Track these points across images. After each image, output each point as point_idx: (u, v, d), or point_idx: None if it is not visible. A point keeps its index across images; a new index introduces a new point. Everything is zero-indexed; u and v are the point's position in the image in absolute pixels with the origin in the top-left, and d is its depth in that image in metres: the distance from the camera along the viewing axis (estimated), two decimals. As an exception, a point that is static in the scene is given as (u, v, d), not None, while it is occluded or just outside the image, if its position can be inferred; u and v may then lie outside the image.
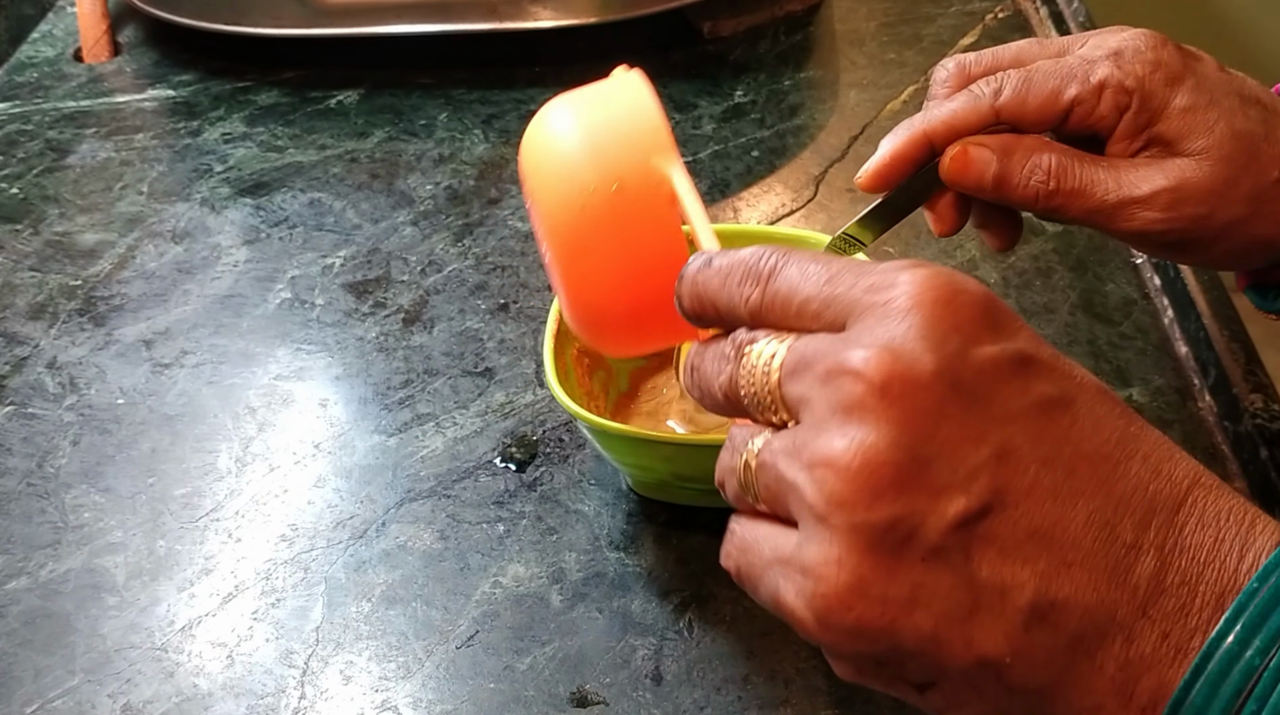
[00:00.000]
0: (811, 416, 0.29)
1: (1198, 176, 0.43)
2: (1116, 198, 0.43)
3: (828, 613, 0.28)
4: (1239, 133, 0.43)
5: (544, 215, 0.42)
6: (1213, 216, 0.43)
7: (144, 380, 0.63)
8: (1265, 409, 0.55)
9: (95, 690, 0.48)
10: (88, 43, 0.92)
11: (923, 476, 0.27)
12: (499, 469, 0.57)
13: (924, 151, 0.45)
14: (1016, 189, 0.44)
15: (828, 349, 0.29)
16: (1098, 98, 0.43)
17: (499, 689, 0.47)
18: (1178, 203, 0.43)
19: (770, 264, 0.32)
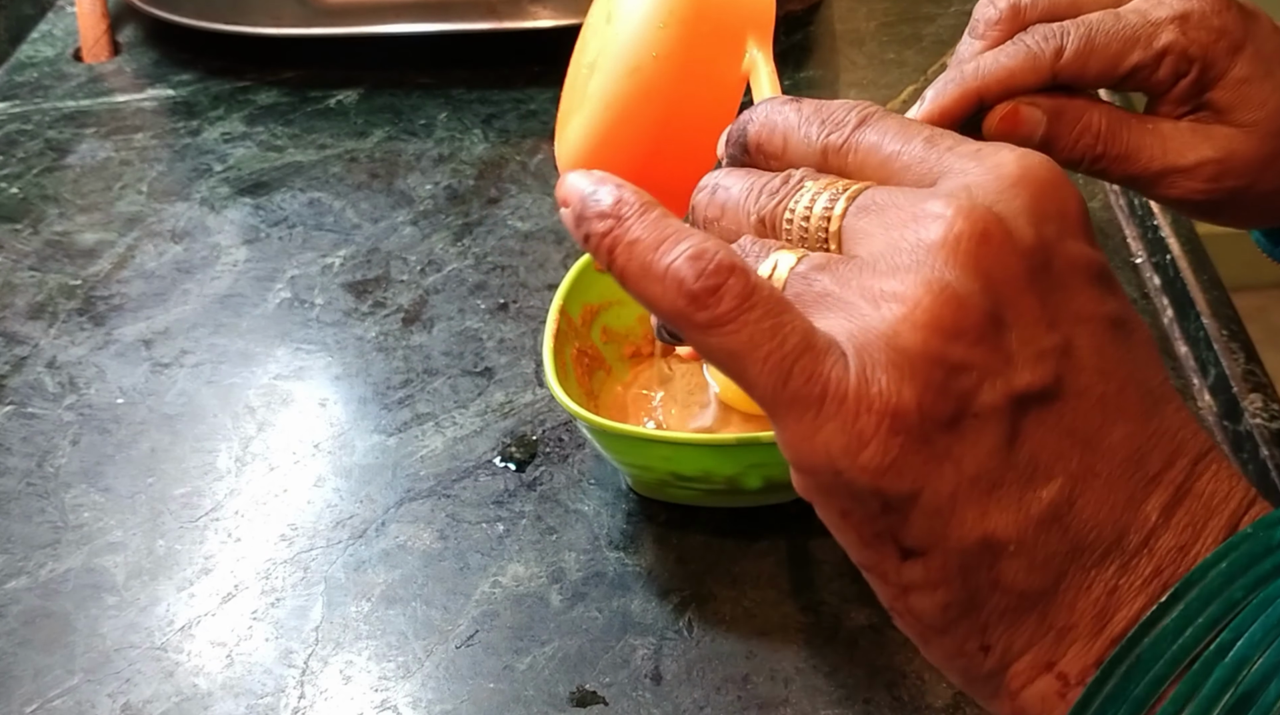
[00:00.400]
0: (880, 253, 0.27)
1: (1244, 149, 0.42)
2: (1161, 165, 0.43)
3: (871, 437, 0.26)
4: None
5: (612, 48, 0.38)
6: (1252, 188, 0.43)
7: (144, 380, 0.63)
8: (1265, 408, 0.55)
9: (95, 690, 0.48)
10: (87, 42, 0.92)
11: (999, 337, 0.26)
12: (499, 469, 0.57)
13: (973, 107, 0.43)
14: (1063, 150, 0.43)
15: (917, 197, 0.27)
16: (1158, 64, 0.42)
17: (499, 689, 0.47)
18: (1221, 175, 0.43)
19: (864, 112, 0.30)
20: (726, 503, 0.53)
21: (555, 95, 0.80)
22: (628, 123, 0.38)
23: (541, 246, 0.71)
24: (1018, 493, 0.27)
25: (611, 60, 0.38)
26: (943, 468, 0.26)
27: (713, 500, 0.53)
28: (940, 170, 0.28)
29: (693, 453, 0.49)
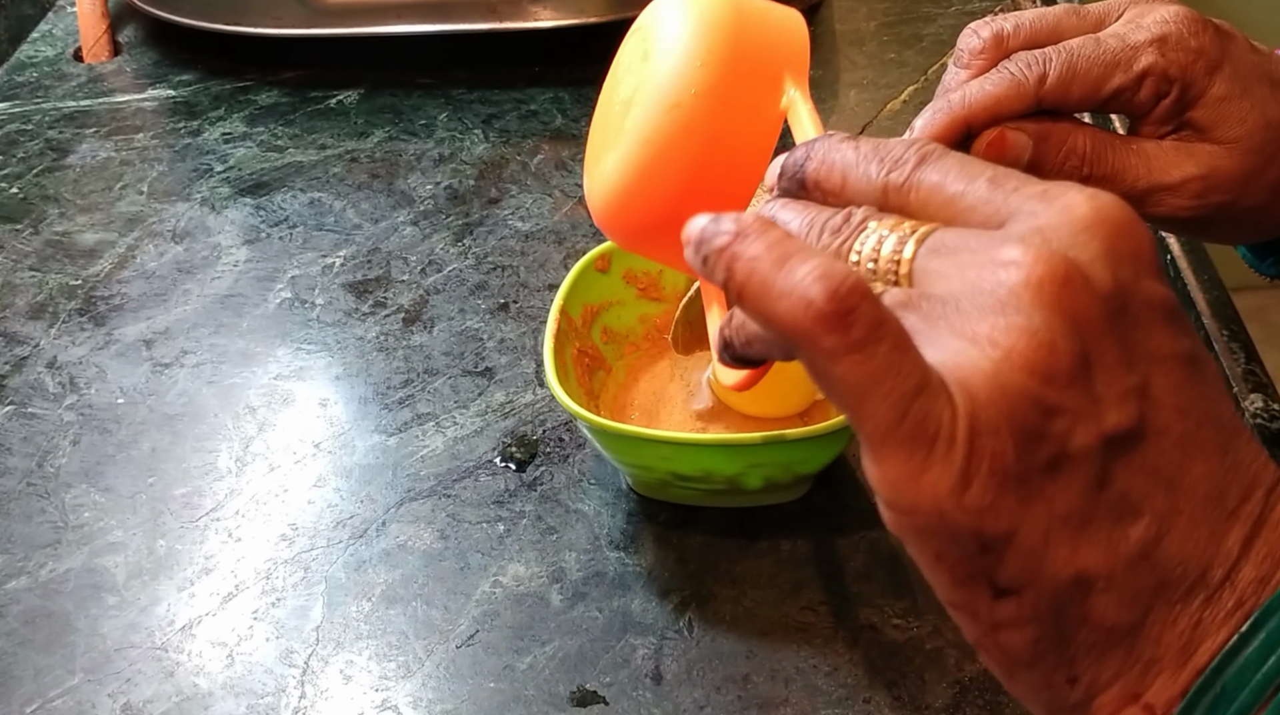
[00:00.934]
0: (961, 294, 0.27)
1: (1227, 165, 0.43)
2: (1147, 184, 0.43)
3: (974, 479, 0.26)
4: (1271, 122, 0.43)
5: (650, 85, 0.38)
6: (1236, 203, 0.43)
7: (144, 380, 0.63)
8: (1265, 409, 0.55)
9: (95, 690, 0.48)
10: (88, 42, 0.92)
11: (1088, 380, 0.26)
12: (499, 468, 0.57)
13: (961, 135, 0.44)
14: (1050, 173, 0.43)
15: (990, 240, 0.27)
16: (1139, 86, 0.43)
17: (499, 688, 0.47)
18: (1206, 191, 0.43)
19: (924, 150, 0.30)
20: (726, 503, 0.53)
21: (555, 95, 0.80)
22: (666, 159, 0.38)
23: (542, 247, 0.71)
24: (1107, 531, 0.27)
25: (650, 97, 0.38)
26: (1036, 508, 0.26)
27: (713, 500, 0.53)
28: (1008, 212, 0.28)
29: (693, 453, 0.49)
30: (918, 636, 0.48)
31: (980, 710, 0.46)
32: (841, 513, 0.54)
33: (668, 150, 0.37)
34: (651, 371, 0.58)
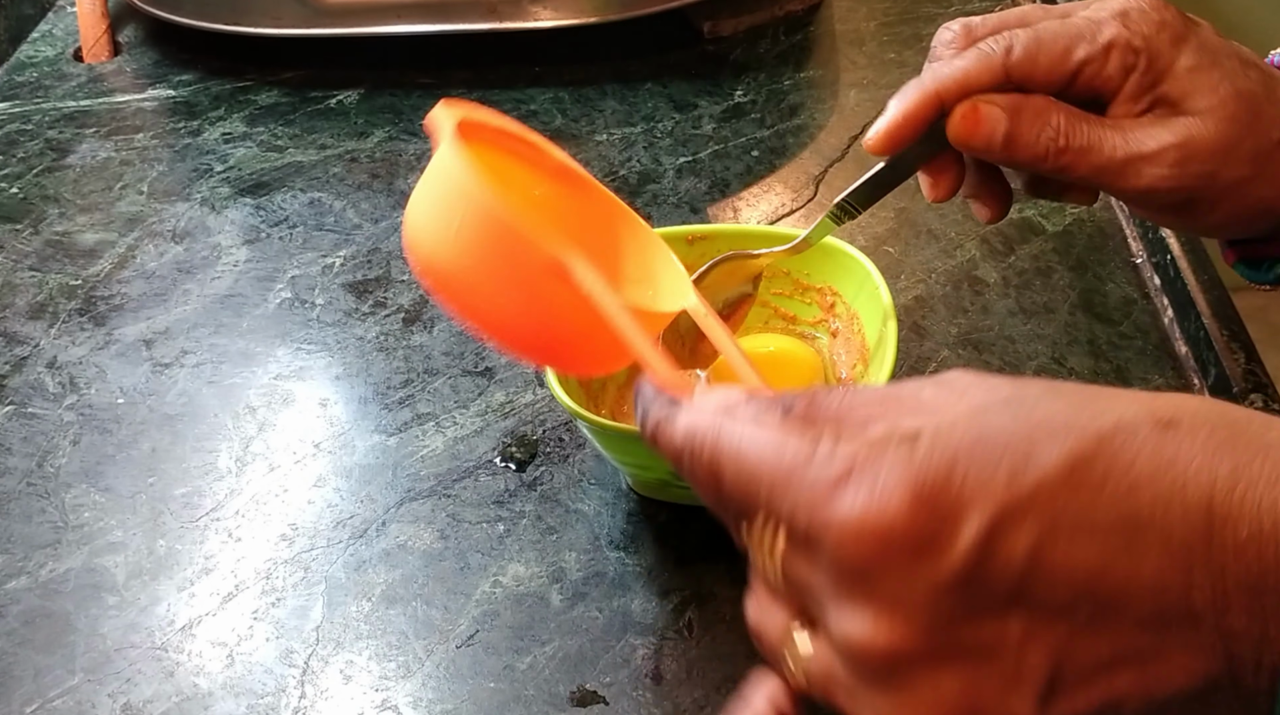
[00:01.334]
0: (855, 687, 0.28)
1: (1204, 134, 0.43)
2: (1124, 154, 0.43)
3: None
4: (1242, 92, 0.43)
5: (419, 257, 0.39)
6: (1218, 175, 0.43)
7: (144, 380, 0.63)
8: (1265, 408, 0.55)
9: (95, 690, 0.48)
10: (88, 43, 0.92)
11: (985, 704, 0.27)
12: (499, 468, 0.57)
13: (935, 110, 0.45)
14: (1026, 147, 0.44)
15: (837, 641, 0.28)
16: (1106, 57, 0.43)
17: (499, 688, 0.47)
18: (1184, 159, 0.43)
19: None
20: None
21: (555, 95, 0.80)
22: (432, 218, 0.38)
23: (542, 246, 0.71)
24: None
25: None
26: None
27: (713, 500, 0.53)
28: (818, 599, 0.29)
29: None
30: (918, 636, 0.48)
31: (980, 710, 0.46)
32: (841, 513, 0.54)
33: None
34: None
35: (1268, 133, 0.43)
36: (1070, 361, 0.61)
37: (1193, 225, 0.46)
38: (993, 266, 0.67)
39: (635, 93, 0.84)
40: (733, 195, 0.74)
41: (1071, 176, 0.45)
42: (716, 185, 0.75)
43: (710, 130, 0.80)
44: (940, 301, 0.65)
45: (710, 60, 0.88)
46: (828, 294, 0.57)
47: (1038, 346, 0.62)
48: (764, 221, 0.72)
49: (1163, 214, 0.46)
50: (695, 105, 0.83)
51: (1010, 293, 0.66)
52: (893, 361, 0.50)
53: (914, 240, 0.69)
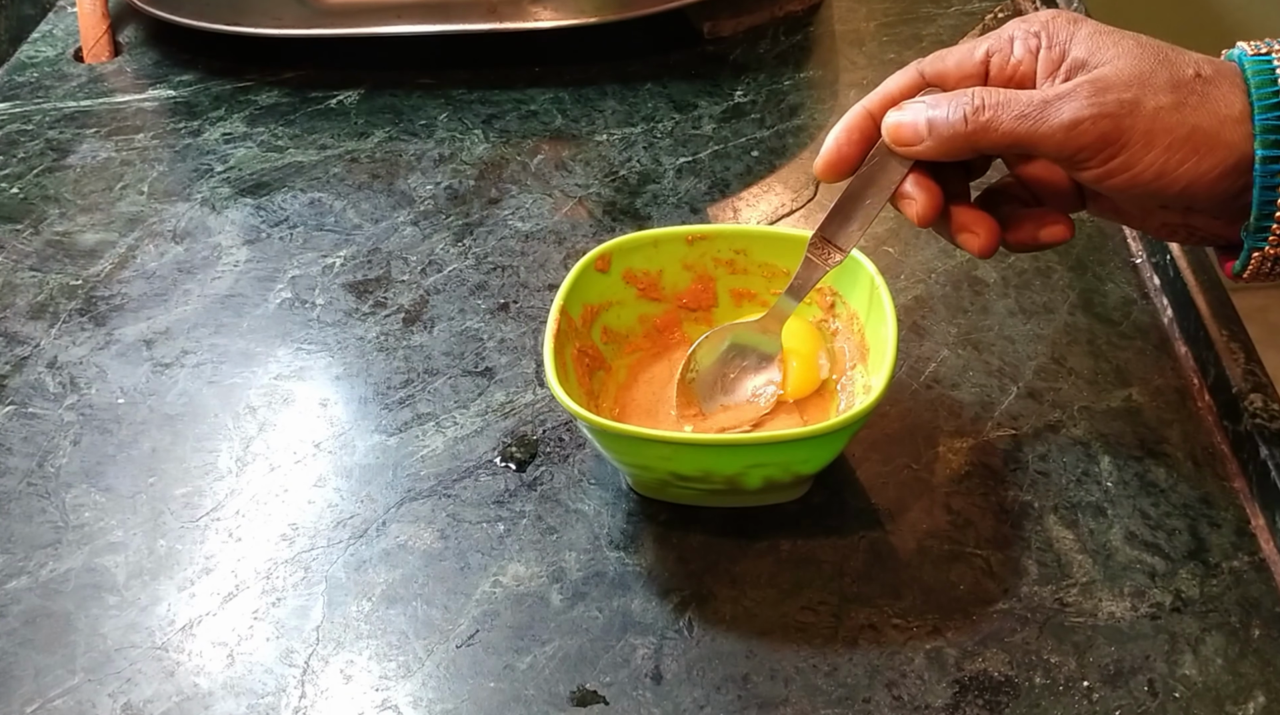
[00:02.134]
0: None
1: (1115, 70, 0.45)
2: (1041, 97, 0.45)
3: None
4: (1145, 43, 0.46)
5: None
6: (1140, 101, 0.44)
7: (144, 380, 0.63)
8: (1265, 409, 0.55)
9: (96, 689, 0.48)
10: (88, 43, 0.92)
11: None
12: (499, 468, 0.57)
13: (868, 124, 0.49)
14: (945, 120, 0.47)
15: None
16: (1010, 45, 0.47)
17: (499, 688, 0.47)
18: (1101, 90, 0.45)
19: None
20: (726, 503, 0.53)
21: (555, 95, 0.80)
22: None
23: (542, 247, 0.71)
24: None
25: None
26: None
27: (713, 500, 0.53)
28: None
29: (692, 453, 0.49)
30: (918, 636, 0.49)
31: (980, 710, 0.46)
32: (841, 513, 0.54)
33: None
34: (651, 371, 0.58)
35: (1179, 68, 0.45)
36: (1070, 361, 0.61)
37: (1142, 172, 0.45)
38: (992, 266, 0.67)
39: (635, 93, 0.84)
40: (733, 195, 0.74)
41: (997, 136, 0.46)
42: (716, 185, 0.75)
43: (710, 130, 0.80)
44: (940, 301, 0.65)
45: (710, 60, 0.88)
46: (828, 294, 0.58)
47: (1037, 346, 0.62)
48: (764, 222, 0.72)
49: (1101, 164, 0.46)
50: (695, 105, 0.83)
51: (1010, 293, 0.66)
52: (893, 361, 0.50)
53: (914, 240, 0.69)
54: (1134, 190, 0.46)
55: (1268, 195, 0.45)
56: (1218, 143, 0.44)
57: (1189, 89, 0.45)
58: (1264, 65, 0.45)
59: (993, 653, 0.48)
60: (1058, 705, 0.46)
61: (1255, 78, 0.45)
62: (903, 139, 0.48)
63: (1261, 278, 0.48)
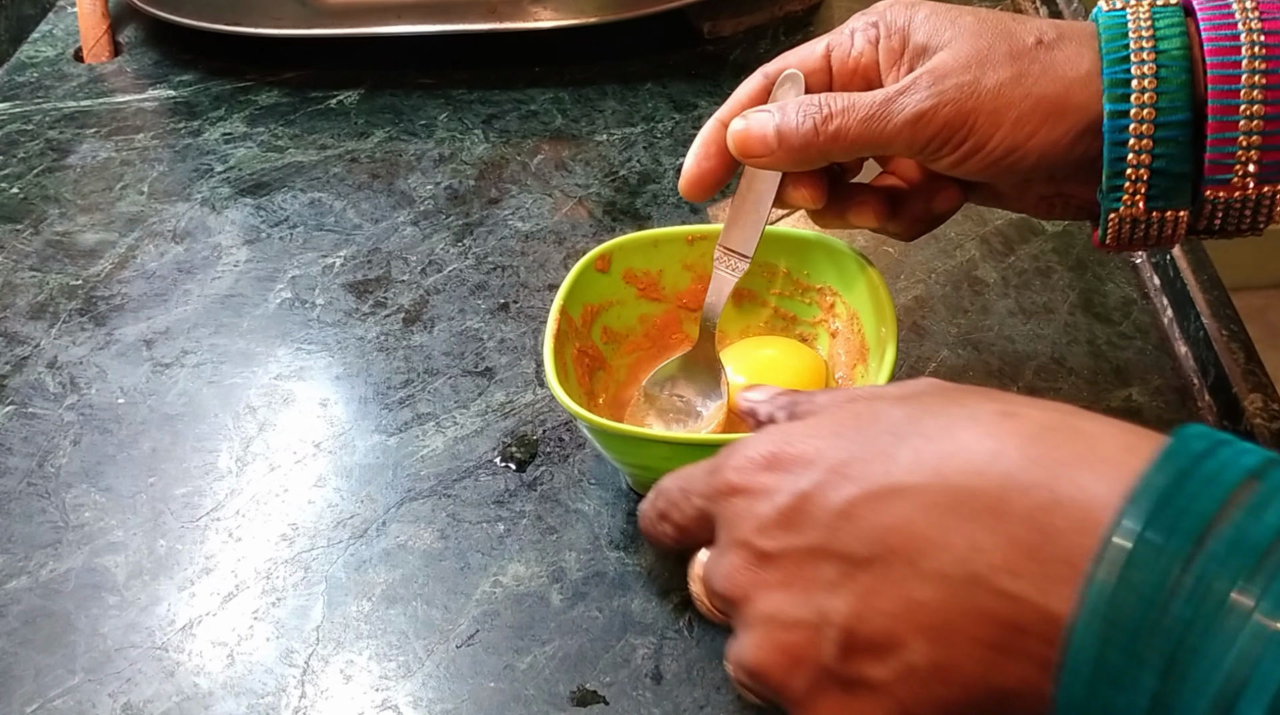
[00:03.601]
0: (733, 623, 0.36)
1: (951, 54, 0.45)
2: (884, 96, 0.45)
3: None
4: (984, 17, 0.45)
5: None
6: (979, 81, 0.44)
7: (144, 380, 0.63)
8: (1265, 409, 0.55)
9: (96, 689, 0.48)
10: (88, 43, 0.92)
11: (799, 642, 0.32)
12: (499, 468, 0.57)
13: (724, 136, 0.49)
14: (795, 131, 0.46)
15: (711, 573, 0.36)
16: (850, 39, 0.47)
17: (499, 688, 0.47)
18: (939, 78, 0.44)
19: None
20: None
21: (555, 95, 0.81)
22: None
23: (542, 247, 0.71)
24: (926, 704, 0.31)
25: None
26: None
27: (713, 500, 0.53)
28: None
29: (692, 453, 0.49)
30: (917, 636, 0.48)
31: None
32: (841, 512, 0.54)
33: None
34: (652, 371, 0.58)
35: (1020, 38, 0.44)
36: (1070, 361, 0.61)
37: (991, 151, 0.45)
38: (992, 266, 0.68)
39: (635, 93, 0.84)
40: (732, 195, 0.74)
41: (848, 143, 0.46)
42: (716, 185, 0.75)
43: (710, 130, 0.80)
44: (940, 301, 0.65)
45: (710, 60, 0.88)
46: (828, 294, 0.58)
47: (1037, 346, 0.62)
48: (764, 221, 0.72)
49: (953, 151, 0.45)
50: (695, 105, 0.83)
51: (1010, 293, 0.66)
52: (893, 362, 0.50)
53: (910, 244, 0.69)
54: (992, 171, 0.45)
55: (1117, 152, 0.43)
56: (1066, 107, 0.43)
57: (1030, 58, 0.43)
58: (1116, 19, 0.43)
59: None
60: (1058, 705, 0.46)
61: (1106, 32, 0.43)
62: (751, 151, 0.48)
63: (1126, 244, 0.46)
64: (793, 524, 0.33)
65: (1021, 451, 0.30)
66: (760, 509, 0.34)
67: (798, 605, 0.32)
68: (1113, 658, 0.25)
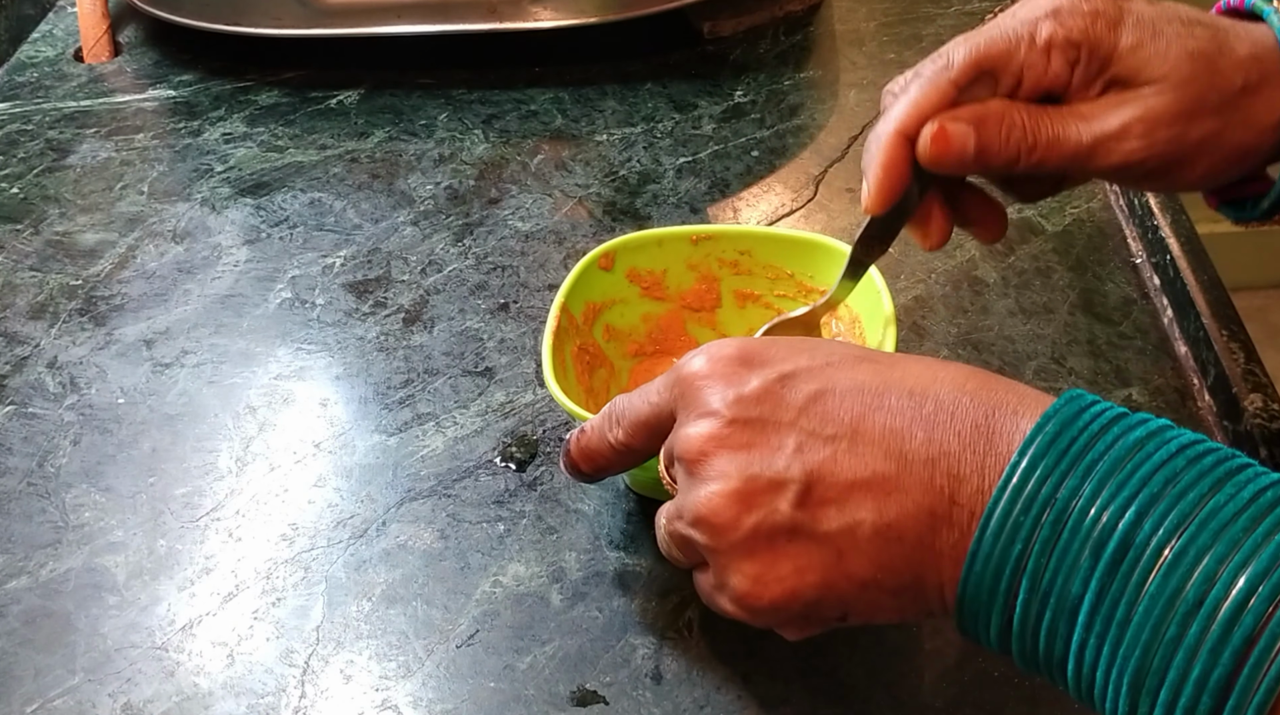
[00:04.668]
0: (681, 488, 0.40)
1: (1164, 101, 0.44)
2: (1090, 138, 0.44)
3: (751, 605, 0.38)
4: (1193, 53, 0.44)
5: None
6: (1187, 134, 0.44)
7: (144, 380, 0.63)
8: (1265, 409, 0.55)
9: (96, 689, 0.48)
10: (88, 43, 0.92)
11: (757, 490, 0.37)
12: (499, 468, 0.57)
13: (907, 149, 0.46)
14: (998, 153, 0.45)
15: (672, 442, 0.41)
16: (1047, 58, 0.44)
17: (499, 688, 0.47)
18: (1151, 129, 0.44)
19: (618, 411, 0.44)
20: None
21: (555, 95, 0.81)
22: None
23: (542, 247, 0.71)
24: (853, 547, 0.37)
25: None
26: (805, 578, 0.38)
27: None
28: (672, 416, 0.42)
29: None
30: (917, 636, 0.48)
31: (980, 710, 0.46)
32: (841, 513, 0.54)
33: None
34: (654, 370, 0.58)
35: (1228, 82, 0.44)
36: (1070, 362, 0.61)
37: (1178, 185, 0.47)
38: (992, 266, 0.67)
39: (635, 93, 0.84)
40: (733, 195, 0.74)
41: (1048, 169, 0.46)
42: (716, 185, 0.75)
43: (710, 130, 0.80)
44: (940, 301, 0.65)
45: (710, 60, 0.88)
46: (828, 294, 0.58)
47: (1037, 346, 0.62)
48: (764, 222, 0.72)
49: (1146, 181, 0.47)
50: (695, 105, 0.83)
51: (1010, 293, 0.66)
52: (893, 361, 0.50)
53: (913, 240, 0.69)
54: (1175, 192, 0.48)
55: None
56: (1259, 152, 0.45)
57: (1234, 107, 0.44)
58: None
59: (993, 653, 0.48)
60: (1058, 705, 0.46)
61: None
62: (946, 161, 0.45)
63: None
64: (763, 402, 0.38)
65: (964, 381, 0.37)
66: (731, 390, 0.39)
67: (759, 463, 0.37)
68: (1018, 517, 0.34)
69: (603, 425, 0.45)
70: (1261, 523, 0.31)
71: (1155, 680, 0.31)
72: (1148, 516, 0.32)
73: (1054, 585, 0.33)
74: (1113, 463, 0.33)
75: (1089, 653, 0.33)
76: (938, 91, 0.45)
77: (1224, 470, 0.32)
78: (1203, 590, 0.30)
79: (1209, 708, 0.30)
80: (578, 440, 0.46)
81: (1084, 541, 0.32)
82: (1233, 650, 0.30)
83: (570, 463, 0.46)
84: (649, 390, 0.43)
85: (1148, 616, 0.31)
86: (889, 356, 0.39)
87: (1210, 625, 0.30)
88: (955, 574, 0.35)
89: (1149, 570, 0.31)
